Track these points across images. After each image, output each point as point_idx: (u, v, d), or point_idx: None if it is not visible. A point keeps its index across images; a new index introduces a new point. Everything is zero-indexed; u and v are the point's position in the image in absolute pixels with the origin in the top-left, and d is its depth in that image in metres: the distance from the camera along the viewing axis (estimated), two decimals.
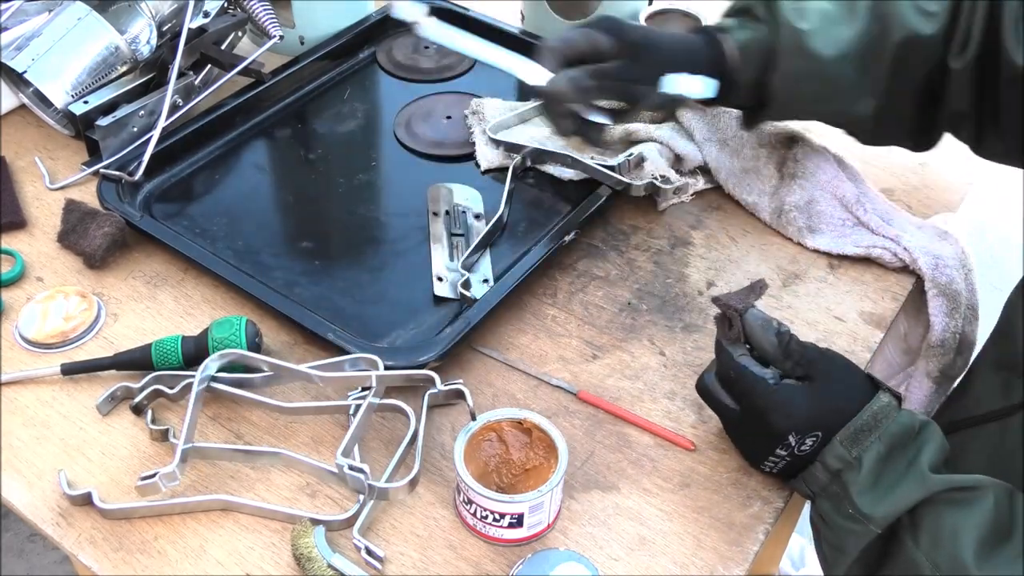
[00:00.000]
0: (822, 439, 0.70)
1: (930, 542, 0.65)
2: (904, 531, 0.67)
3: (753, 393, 0.72)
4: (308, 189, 1.04)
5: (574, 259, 0.96)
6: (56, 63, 1.01)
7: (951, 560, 0.64)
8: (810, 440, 0.70)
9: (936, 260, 0.92)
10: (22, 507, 0.75)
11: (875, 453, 0.68)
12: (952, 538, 0.65)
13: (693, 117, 1.03)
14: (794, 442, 0.71)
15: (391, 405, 0.80)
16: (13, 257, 0.94)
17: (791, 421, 0.70)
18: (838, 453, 0.69)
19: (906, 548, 0.67)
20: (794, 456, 0.72)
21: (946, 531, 0.65)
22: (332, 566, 0.70)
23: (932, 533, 0.66)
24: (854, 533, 0.69)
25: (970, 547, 0.64)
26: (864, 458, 0.68)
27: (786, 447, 0.71)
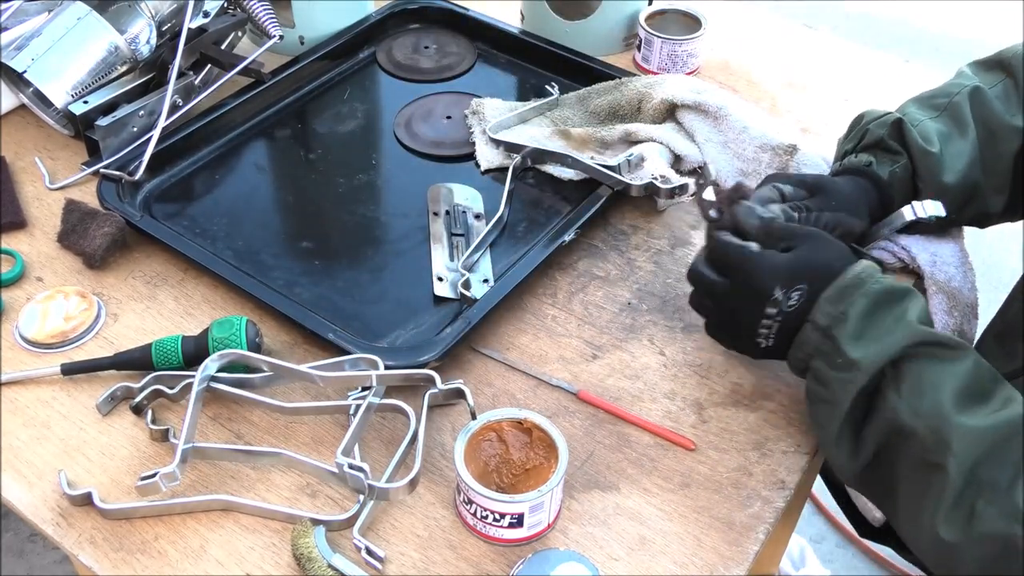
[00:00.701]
0: (808, 292, 0.74)
1: (911, 391, 0.69)
2: (887, 384, 0.70)
3: (738, 261, 0.77)
4: (308, 189, 1.04)
5: (574, 259, 0.96)
6: (56, 63, 1.01)
7: (931, 407, 0.68)
8: (796, 293, 0.75)
9: (935, 258, 0.92)
10: (22, 507, 0.75)
11: (861, 307, 0.72)
12: (933, 388, 0.69)
13: (695, 118, 1.03)
14: (781, 296, 0.75)
15: (391, 405, 0.80)
16: (13, 257, 0.94)
17: (775, 273, 0.75)
18: (826, 310, 0.73)
19: (888, 399, 0.70)
20: (784, 315, 0.76)
21: (927, 382, 0.69)
22: (332, 566, 0.70)
23: (913, 383, 0.69)
24: (844, 382, 0.72)
25: (949, 397, 0.68)
26: (850, 311, 0.72)
27: (774, 304, 0.75)
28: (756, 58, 1.24)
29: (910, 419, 0.69)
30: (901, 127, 0.90)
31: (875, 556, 1.69)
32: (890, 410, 0.70)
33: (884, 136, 0.90)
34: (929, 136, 0.89)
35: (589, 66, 1.16)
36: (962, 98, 0.91)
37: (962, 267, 0.93)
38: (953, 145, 0.90)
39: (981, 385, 0.69)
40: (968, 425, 0.67)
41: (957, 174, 0.89)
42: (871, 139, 0.91)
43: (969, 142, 0.90)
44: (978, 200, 0.91)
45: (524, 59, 1.21)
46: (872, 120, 0.92)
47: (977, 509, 0.65)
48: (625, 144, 1.04)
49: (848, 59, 1.25)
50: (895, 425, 0.70)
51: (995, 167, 0.90)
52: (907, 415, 0.69)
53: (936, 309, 0.91)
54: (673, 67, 1.19)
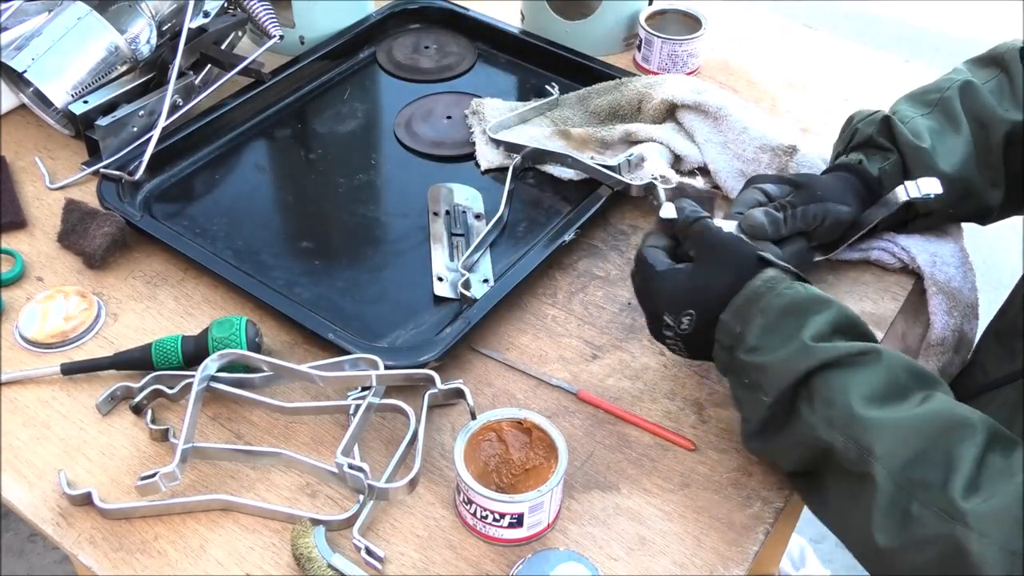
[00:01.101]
0: (698, 316, 0.73)
1: (823, 403, 0.67)
2: (800, 401, 0.69)
3: (641, 275, 0.78)
4: (308, 189, 1.04)
5: (574, 259, 0.96)
6: (56, 63, 1.01)
7: (843, 415, 0.66)
8: (686, 319, 0.74)
9: (934, 258, 0.92)
10: (22, 507, 0.75)
11: (758, 327, 0.70)
12: (842, 394, 0.66)
13: (695, 118, 1.03)
14: (671, 321, 0.75)
15: (391, 405, 0.80)
16: (13, 257, 0.94)
17: (665, 298, 0.76)
18: (726, 328, 0.72)
19: (803, 415, 0.68)
20: (680, 335, 0.75)
21: (836, 390, 0.67)
22: (332, 566, 0.70)
23: (824, 395, 0.67)
24: (753, 403, 0.71)
25: (860, 401, 0.65)
26: (746, 332, 0.70)
27: (668, 327, 0.76)
28: (756, 58, 1.24)
29: (826, 432, 0.66)
30: (890, 124, 0.89)
31: None
32: (806, 426, 0.68)
33: (873, 134, 0.89)
34: (919, 132, 0.88)
35: (589, 66, 1.16)
36: (952, 93, 0.91)
37: (962, 267, 0.93)
38: (946, 141, 0.89)
39: (896, 385, 0.67)
40: (886, 421, 0.64)
41: (952, 166, 0.88)
42: (860, 138, 0.91)
43: (962, 137, 0.89)
44: (975, 195, 0.90)
45: (524, 59, 1.21)
46: (861, 119, 0.92)
47: (912, 512, 0.62)
48: (625, 144, 1.04)
49: (848, 59, 1.25)
50: (814, 440, 0.68)
51: (989, 161, 0.89)
52: (823, 429, 0.67)
53: (936, 309, 0.91)
54: (673, 67, 1.19)
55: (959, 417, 0.64)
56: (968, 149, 0.89)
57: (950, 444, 0.62)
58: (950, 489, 0.60)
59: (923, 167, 0.87)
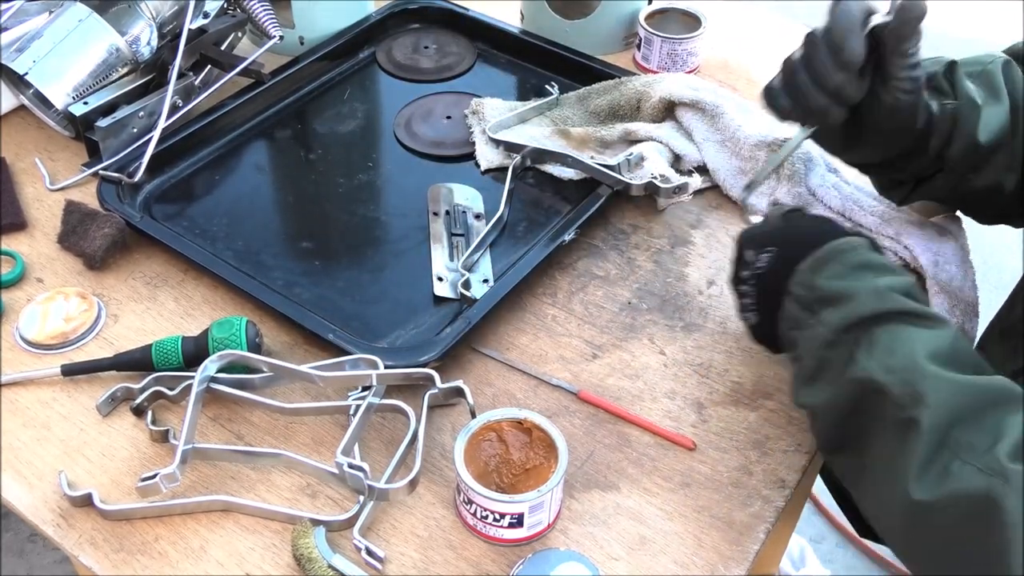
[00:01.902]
0: (778, 255, 0.75)
1: (883, 351, 0.66)
2: (858, 348, 0.68)
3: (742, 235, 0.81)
4: (308, 189, 1.04)
5: (574, 259, 0.96)
6: (57, 65, 1.01)
7: (904, 362, 0.65)
8: (765, 256, 0.76)
9: (937, 257, 0.92)
10: (23, 508, 0.75)
11: (833, 271, 0.72)
12: (907, 345, 0.66)
13: (693, 117, 1.03)
14: (751, 256, 0.77)
15: (391, 405, 0.80)
16: (13, 258, 0.94)
17: (750, 236, 0.79)
18: (799, 279, 0.73)
19: (858, 360, 0.67)
20: (756, 278, 0.77)
21: (900, 341, 0.66)
22: (332, 566, 0.70)
23: (886, 344, 0.67)
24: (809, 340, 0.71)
25: (924, 354, 0.65)
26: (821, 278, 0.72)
27: (745, 266, 0.78)
28: (756, 57, 1.24)
29: (883, 375, 0.65)
30: (955, 71, 0.85)
31: (875, 556, 1.69)
32: (860, 370, 0.67)
33: (939, 73, 0.85)
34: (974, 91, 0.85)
35: (589, 65, 1.16)
36: (995, 67, 0.87)
37: (963, 266, 0.93)
38: (989, 107, 0.85)
39: (961, 356, 0.66)
40: (944, 376, 0.63)
41: (988, 134, 0.84)
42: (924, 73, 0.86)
43: (1004, 107, 0.86)
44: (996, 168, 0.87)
45: (524, 59, 1.21)
46: (927, 59, 0.86)
47: (952, 469, 0.61)
48: (625, 144, 1.04)
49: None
50: (866, 383, 0.66)
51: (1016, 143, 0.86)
52: (879, 371, 0.66)
53: (938, 309, 0.91)
54: (673, 66, 1.19)
55: (1015, 392, 0.64)
56: (1004, 122, 0.86)
57: (1003, 413, 0.62)
58: (996, 450, 0.60)
59: (970, 124, 0.84)
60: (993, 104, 0.86)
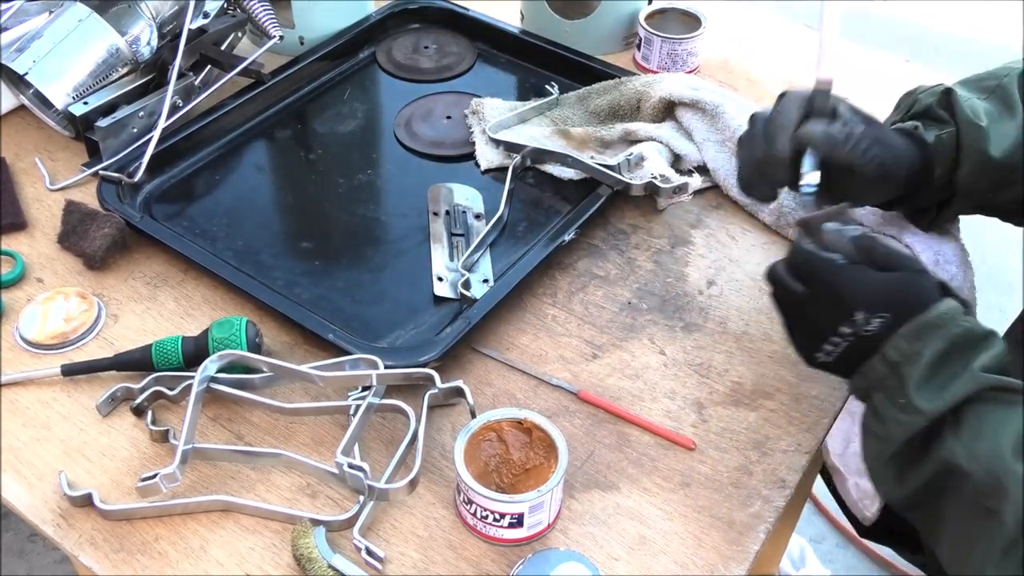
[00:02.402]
0: (890, 321, 0.70)
1: (971, 435, 0.66)
2: (947, 426, 0.67)
3: (823, 271, 0.74)
4: (308, 189, 1.04)
5: (574, 259, 0.96)
6: (57, 65, 1.01)
7: (989, 451, 0.65)
8: (877, 320, 0.71)
9: (938, 257, 0.92)
10: (23, 508, 0.75)
11: (935, 349, 0.69)
12: (993, 432, 0.65)
13: (693, 117, 1.03)
14: (861, 319, 0.71)
15: (391, 405, 0.80)
16: (13, 258, 0.94)
17: (863, 295, 0.71)
18: (900, 346, 0.70)
19: (946, 441, 0.67)
20: (858, 337, 0.72)
21: (988, 426, 0.66)
22: (332, 566, 0.70)
23: (974, 427, 0.66)
24: (903, 424, 0.69)
25: (1010, 442, 0.65)
26: (924, 352, 0.69)
27: (851, 324, 0.71)
28: (756, 57, 1.24)
29: (967, 462, 0.65)
30: (950, 97, 0.87)
31: (875, 556, 1.69)
32: (947, 451, 0.67)
33: (933, 104, 0.88)
34: (977, 112, 0.87)
35: (589, 66, 1.16)
36: (1010, 81, 0.89)
37: (962, 266, 0.93)
38: (1001, 125, 0.86)
39: None
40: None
41: (1003, 151, 0.85)
42: (919, 107, 0.89)
43: (1017, 123, 0.87)
44: (1015, 186, 0.88)
45: (524, 59, 1.21)
46: (923, 91, 0.90)
47: None
48: (625, 144, 1.04)
49: (848, 59, 1.25)
50: (949, 466, 0.67)
51: None
52: (964, 457, 0.66)
53: None
54: (673, 66, 1.19)
55: None
56: (1019, 135, 0.86)
57: None
58: None
59: (975, 144, 0.85)
60: (1007, 120, 0.87)
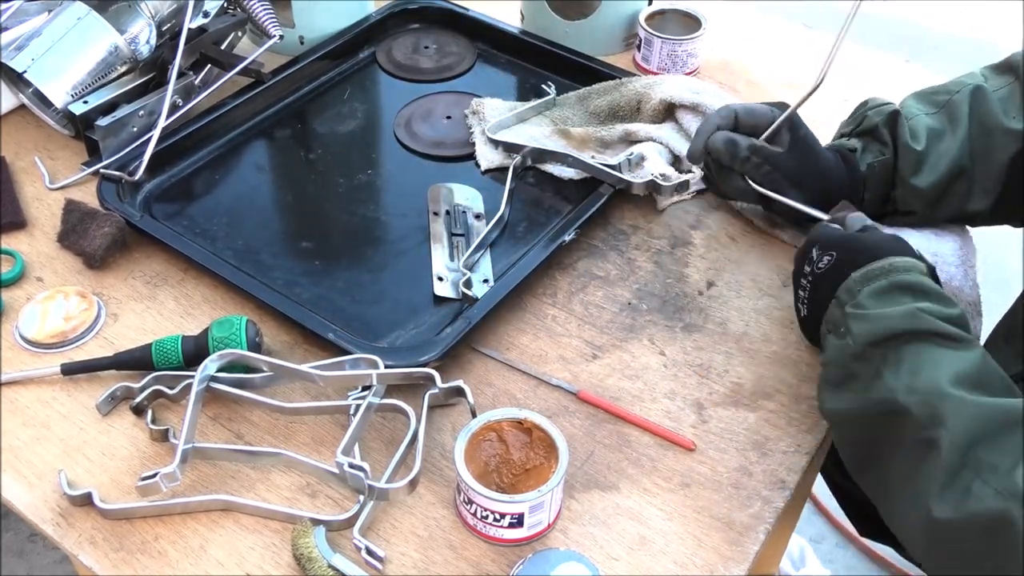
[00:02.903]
0: (836, 260, 0.77)
1: (909, 371, 0.69)
2: (887, 367, 0.70)
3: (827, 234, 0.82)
4: (308, 189, 1.04)
5: (574, 259, 0.96)
6: (56, 63, 1.01)
7: (927, 384, 0.67)
8: (826, 258, 0.78)
9: (936, 258, 0.92)
10: (22, 507, 0.75)
11: (876, 287, 0.73)
12: (932, 367, 0.68)
13: (693, 119, 1.03)
14: (814, 256, 0.80)
15: (391, 405, 0.80)
16: (13, 257, 0.94)
17: (818, 236, 0.81)
18: (847, 286, 0.75)
19: (885, 379, 0.70)
20: (815, 276, 0.79)
21: (927, 363, 0.68)
22: (332, 566, 0.70)
23: (913, 363, 0.69)
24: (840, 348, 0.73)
25: (948, 376, 0.67)
26: (864, 289, 0.74)
27: (809, 262, 0.80)
28: (756, 58, 1.24)
29: (905, 396, 0.68)
30: (896, 120, 0.91)
31: (875, 556, 1.69)
32: (886, 389, 0.69)
33: (879, 124, 0.92)
34: (918, 133, 0.91)
35: (589, 66, 1.16)
36: (962, 97, 0.92)
37: (963, 265, 0.93)
38: (941, 144, 0.90)
39: (986, 378, 0.68)
40: (966, 399, 0.65)
41: (935, 175, 0.90)
42: (867, 125, 0.93)
43: (958, 141, 0.90)
44: (954, 200, 0.91)
45: (524, 59, 1.21)
46: (874, 107, 0.94)
47: (973, 489, 0.63)
48: (625, 144, 1.04)
49: (848, 59, 1.25)
50: (890, 403, 0.69)
51: (985, 168, 0.90)
52: (903, 392, 0.68)
53: None
54: (673, 67, 1.19)
55: None
56: (961, 153, 0.90)
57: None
58: (1015, 474, 0.62)
59: (908, 170, 0.90)
60: (948, 137, 0.91)
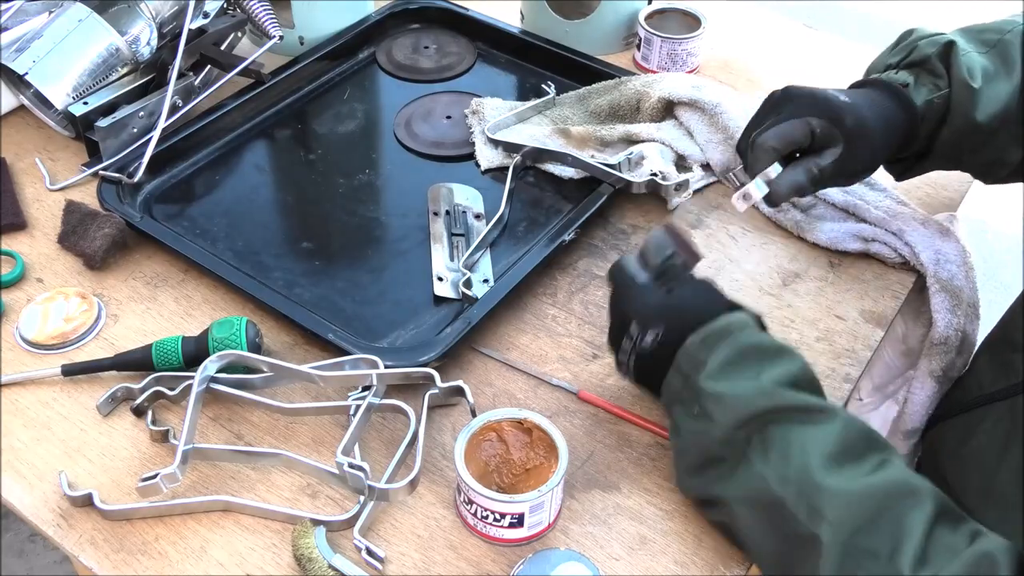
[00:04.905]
0: (665, 334, 0.73)
1: (779, 457, 0.66)
2: (753, 451, 0.67)
3: (620, 281, 0.78)
4: (308, 189, 1.04)
5: (574, 259, 0.96)
6: (57, 65, 1.01)
7: (799, 472, 0.64)
8: (650, 335, 0.73)
9: (938, 256, 0.92)
10: (23, 508, 0.75)
11: (723, 356, 0.69)
12: (800, 452, 0.65)
13: (692, 117, 1.03)
14: (635, 332, 0.74)
15: (391, 405, 0.80)
16: (13, 258, 0.94)
17: (636, 307, 0.75)
18: (689, 353, 0.71)
19: (754, 466, 0.67)
20: (638, 351, 0.74)
21: (794, 446, 0.66)
22: (333, 566, 0.70)
23: (781, 449, 0.66)
24: (700, 436, 0.70)
25: (818, 461, 0.64)
26: (710, 360, 0.69)
27: (630, 337, 0.75)
28: (756, 58, 1.24)
29: (779, 487, 0.65)
30: (951, 52, 0.85)
31: None
32: (758, 477, 0.66)
33: (932, 55, 0.85)
34: (974, 69, 0.85)
35: (589, 66, 1.16)
36: (1014, 36, 0.86)
37: (964, 266, 0.93)
38: (995, 85, 0.85)
39: (852, 447, 0.66)
40: (840, 489, 0.63)
41: (988, 116, 0.84)
42: (918, 56, 0.87)
43: (1012, 84, 0.85)
44: (997, 145, 0.87)
45: (524, 59, 1.21)
46: (923, 37, 0.88)
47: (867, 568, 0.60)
48: (625, 143, 1.04)
49: (848, 59, 1.25)
50: (764, 493, 0.66)
51: None
52: (775, 482, 0.65)
53: (939, 308, 0.91)
54: (673, 66, 1.19)
55: (910, 486, 0.63)
56: (1012, 99, 0.85)
57: (900, 514, 0.61)
58: (898, 561, 0.60)
59: (965, 108, 0.84)
60: (1001, 80, 0.85)
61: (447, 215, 0.98)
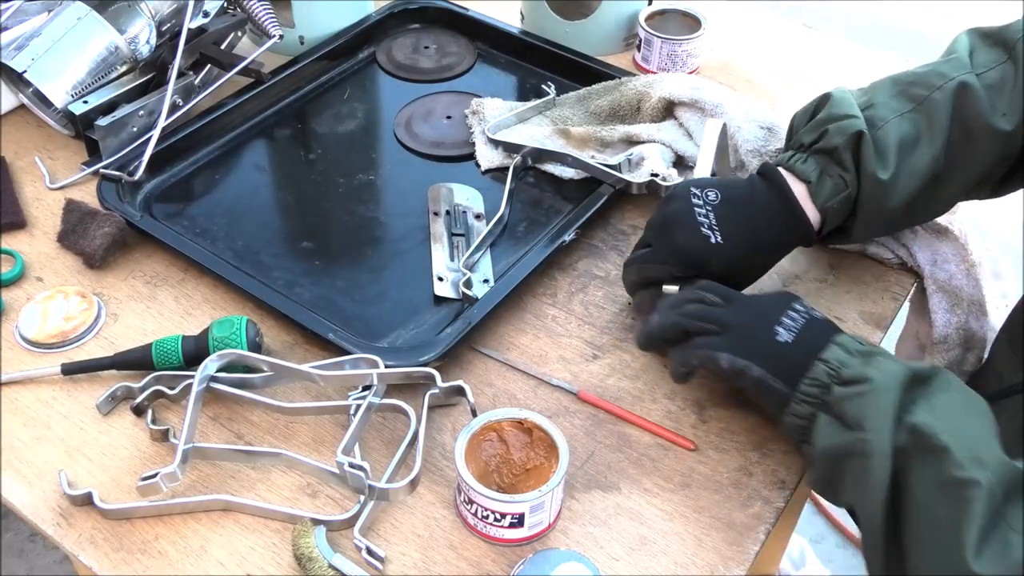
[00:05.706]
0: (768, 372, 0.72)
1: (946, 414, 0.66)
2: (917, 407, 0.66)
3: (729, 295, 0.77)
4: (308, 189, 1.04)
5: (574, 259, 0.96)
6: (56, 63, 1.01)
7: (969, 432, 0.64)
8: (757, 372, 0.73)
9: (935, 256, 0.92)
10: (22, 507, 0.75)
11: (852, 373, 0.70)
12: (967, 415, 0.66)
13: (692, 117, 1.03)
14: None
15: (392, 405, 0.80)
16: (13, 257, 0.94)
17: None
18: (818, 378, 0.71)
19: (915, 414, 0.65)
20: (810, 318, 0.74)
21: (961, 410, 0.67)
22: (333, 566, 0.70)
23: (949, 409, 0.66)
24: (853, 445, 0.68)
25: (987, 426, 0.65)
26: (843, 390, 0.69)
27: (795, 309, 0.74)
28: (756, 58, 1.24)
29: (946, 436, 0.63)
30: (860, 143, 0.80)
31: None
32: (922, 423, 0.64)
33: (840, 147, 0.80)
34: (886, 154, 0.80)
35: (589, 66, 1.16)
36: (943, 95, 0.81)
37: (963, 264, 0.93)
38: (914, 157, 0.80)
39: None
40: (1000, 453, 0.63)
41: (905, 197, 0.81)
42: (827, 144, 0.81)
43: (935, 148, 0.81)
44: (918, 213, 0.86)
45: (524, 59, 1.21)
46: (835, 120, 0.81)
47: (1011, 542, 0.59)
48: (625, 144, 1.04)
49: (848, 59, 1.25)
50: (922, 436, 0.63)
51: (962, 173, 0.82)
52: (943, 431, 0.63)
53: (936, 308, 0.91)
54: (673, 67, 1.19)
55: None
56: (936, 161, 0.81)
57: None
58: None
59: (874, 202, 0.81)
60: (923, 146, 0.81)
61: (447, 215, 0.98)
